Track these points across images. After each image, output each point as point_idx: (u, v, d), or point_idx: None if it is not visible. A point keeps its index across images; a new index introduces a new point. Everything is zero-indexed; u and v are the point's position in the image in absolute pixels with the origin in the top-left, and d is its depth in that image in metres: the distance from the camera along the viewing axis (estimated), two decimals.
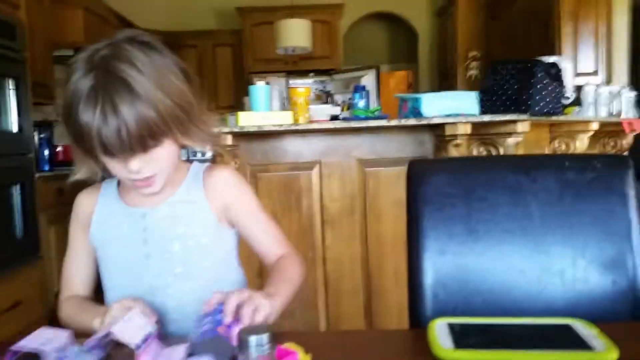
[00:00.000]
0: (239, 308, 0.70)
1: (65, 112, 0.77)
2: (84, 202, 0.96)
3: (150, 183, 0.85)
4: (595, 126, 2.50)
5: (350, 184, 2.21)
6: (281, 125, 1.97)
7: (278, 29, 4.22)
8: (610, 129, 3.00)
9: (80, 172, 0.88)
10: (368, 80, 4.76)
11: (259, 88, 2.17)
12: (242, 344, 0.52)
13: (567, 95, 2.63)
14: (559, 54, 3.71)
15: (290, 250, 0.96)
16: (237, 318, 0.69)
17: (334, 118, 2.61)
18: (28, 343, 0.66)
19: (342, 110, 2.93)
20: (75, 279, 0.96)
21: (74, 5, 3.75)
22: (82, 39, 3.71)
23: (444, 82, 5.50)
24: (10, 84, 2.70)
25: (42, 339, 0.68)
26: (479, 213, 0.95)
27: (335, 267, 2.22)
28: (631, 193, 0.92)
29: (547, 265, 0.90)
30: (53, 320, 2.94)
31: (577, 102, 2.99)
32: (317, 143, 2.22)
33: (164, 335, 0.76)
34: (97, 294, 0.97)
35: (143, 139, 0.77)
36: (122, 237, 0.92)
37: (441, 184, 0.99)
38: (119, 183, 0.96)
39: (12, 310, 2.51)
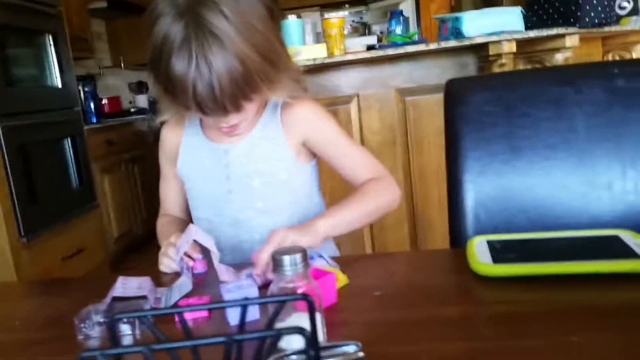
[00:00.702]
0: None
1: (155, 58, 0.75)
2: (169, 135, 0.99)
3: (235, 129, 0.86)
4: None
5: (390, 115, 2.17)
6: (315, 59, 1.93)
7: None
8: None
9: (166, 114, 0.89)
10: (406, 6, 4.55)
11: (291, 22, 2.12)
12: (276, 264, 0.53)
13: (622, 4, 2.42)
14: None
15: (380, 174, 0.93)
16: None
17: (371, 48, 2.52)
18: (126, 291, 0.70)
19: (380, 40, 2.82)
20: (168, 200, 1.05)
21: None
22: None
23: (491, 1, 5.18)
24: (50, 40, 2.75)
25: (133, 286, 0.72)
26: (521, 130, 0.91)
27: None
28: None
29: (593, 179, 0.86)
30: (113, 264, 3.13)
31: (635, 11, 2.76)
32: (354, 75, 2.16)
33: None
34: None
35: (234, 97, 0.75)
36: (206, 171, 0.94)
37: (480, 102, 0.95)
38: (200, 120, 0.95)
39: (76, 256, 2.68)
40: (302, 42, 2.14)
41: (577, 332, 0.51)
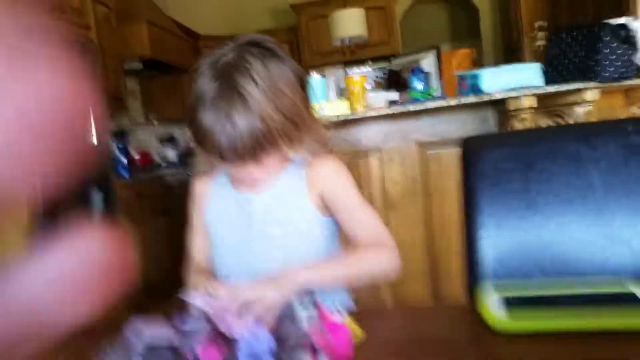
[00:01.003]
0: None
1: (190, 112, 0.85)
2: (199, 186, 1.07)
3: (255, 182, 0.93)
4: None
5: (412, 167, 2.19)
6: (338, 115, 1.99)
7: (332, 20, 4.24)
8: None
9: (201, 165, 0.99)
10: (428, 62, 4.65)
11: (314, 80, 2.20)
12: (290, 313, 0.54)
13: None
14: (635, 15, 3.45)
15: (383, 242, 0.92)
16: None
17: (393, 103, 2.59)
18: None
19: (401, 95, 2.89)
20: (196, 253, 1.07)
21: (138, 20, 3.96)
22: (149, 51, 3.91)
23: (510, 56, 5.26)
24: None
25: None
26: (537, 185, 0.92)
27: (399, 250, 2.21)
28: None
29: (611, 235, 0.86)
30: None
31: None
32: (376, 129, 2.21)
33: None
34: None
35: (254, 150, 0.83)
36: (230, 220, 0.99)
37: (497, 158, 0.97)
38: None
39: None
40: (325, 98, 2.21)
41: None
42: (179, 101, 4.49)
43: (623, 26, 1.96)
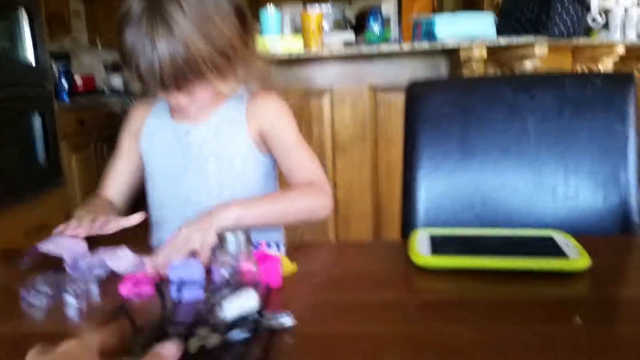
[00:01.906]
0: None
1: (116, 29, 0.82)
2: (138, 113, 1.03)
3: (190, 110, 0.91)
4: (621, 49, 2.38)
5: (362, 111, 2.20)
6: (290, 54, 1.94)
7: None
8: (639, 54, 2.87)
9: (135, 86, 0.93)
10: (388, 6, 4.57)
11: (269, 14, 2.12)
12: (220, 240, 0.55)
13: (595, 18, 2.50)
14: None
15: (317, 183, 0.91)
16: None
17: (348, 44, 2.54)
18: (52, 248, 0.72)
19: (357, 37, 2.84)
20: (112, 181, 1.03)
21: None
22: None
23: (470, 6, 5.25)
24: (23, 14, 2.70)
25: (62, 245, 0.75)
26: (476, 131, 0.95)
27: (345, 193, 2.25)
28: (631, 110, 0.90)
29: (539, 182, 0.90)
30: None
31: (606, 26, 2.84)
32: (330, 70, 2.18)
33: None
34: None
35: (175, 78, 0.80)
36: (166, 149, 0.97)
37: (438, 103, 0.98)
38: None
39: (38, 234, 2.65)
40: (279, 33, 2.14)
41: (501, 322, 0.54)
42: None
43: None
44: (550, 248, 0.69)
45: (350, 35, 2.67)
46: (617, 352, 0.48)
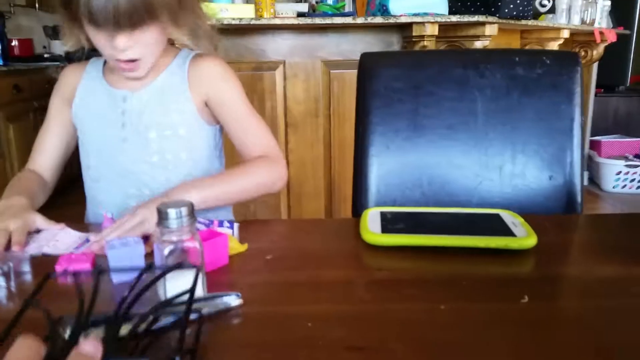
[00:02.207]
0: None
1: None
2: (69, 76, 0.94)
3: (134, 67, 0.83)
4: (566, 34, 2.46)
5: (315, 86, 2.17)
6: (241, 19, 1.88)
7: None
8: (582, 39, 2.97)
9: (68, 44, 0.86)
10: None
11: None
12: (161, 216, 0.52)
13: (543, 1, 2.55)
14: None
15: (271, 155, 0.89)
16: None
17: (301, 15, 2.49)
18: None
19: (313, 9, 2.79)
20: (41, 154, 0.94)
21: None
22: None
23: None
24: None
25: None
26: (425, 108, 0.95)
27: (298, 170, 2.23)
28: (577, 90, 0.92)
29: (486, 161, 0.91)
30: None
31: (553, 10, 2.91)
32: (282, 42, 2.13)
33: None
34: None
35: (131, 15, 0.74)
36: (102, 117, 0.90)
37: (390, 78, 0.97)
38: (105, 63, 0.93)
39: None
40: (230, 1, 2.07)
41: (447, 300, 0.54)
42: None
43: None
44: (498, 226, 0.70)
45: (304, 6, 2.61)
46: (560, 327, 0.49)
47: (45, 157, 0.94)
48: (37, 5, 3.99)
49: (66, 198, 2.07)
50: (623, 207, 3.27)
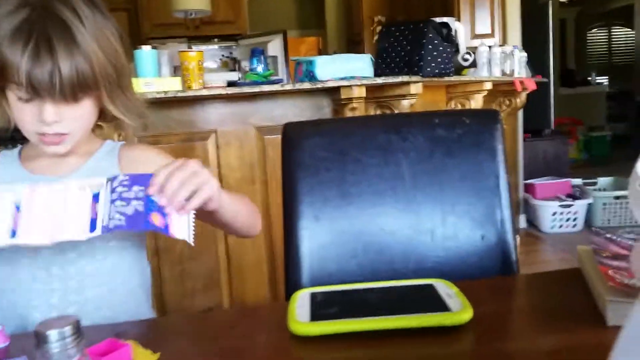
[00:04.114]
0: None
1: None
2: None
3: (60, 141, 0.78)
4: (488, 85, 2.57)
5: (249, 153, 2.13)
6: (167, 92, 1.84)
7: None
8: (505, 89, 3.12)
9: None
10: (275, 45, 4.61)
11: (144, 53, 2.01)
12: (39, 340, 0.44)
13: (465, 56, 2.68)
14: (458, 18, 3.79)
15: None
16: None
17: (232, 84, 2.49)
18: None
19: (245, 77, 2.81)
20: None
21: None
22: None
23: (353, 48, 5.47)
24: None
25: None
26: (352, 176, 0.92)
27: (237, 240, 2.15)
28: (499, 147, 0.92)
29: (417, 225, 0.88)
30: None
31: (474, 64, 3.07)
32: (213, 111, 2.11)
33: None
34: None
35: (73, 88, 0.73)
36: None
37: (315, 147, 0.95)
38: (20, 153, 0.87)
39: None
40: (157, 74, 2.04)
41: None
42: None
43: (445, 25, 2.10)
44: (432, 300, 0.66)
45: (234, 75, 2.63)
46: None
47: None
48: None
49: None
50: (563, 246, 3.36)
